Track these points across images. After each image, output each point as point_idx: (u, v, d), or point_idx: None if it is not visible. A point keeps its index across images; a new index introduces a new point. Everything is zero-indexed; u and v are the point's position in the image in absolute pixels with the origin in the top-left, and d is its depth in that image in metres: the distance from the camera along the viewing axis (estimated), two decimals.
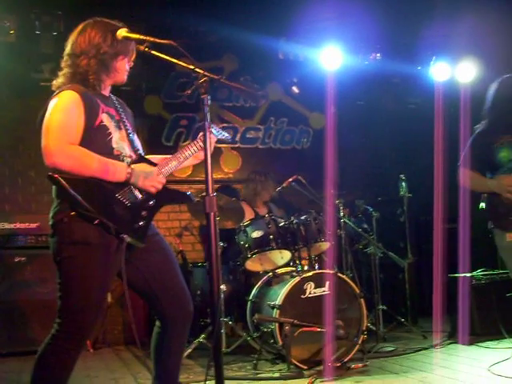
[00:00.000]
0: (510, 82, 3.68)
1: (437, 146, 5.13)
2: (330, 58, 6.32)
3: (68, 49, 2.73)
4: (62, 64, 2.74)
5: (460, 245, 4.59)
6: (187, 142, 2.92)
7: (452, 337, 5.00)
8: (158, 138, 6.51)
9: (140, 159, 2.77)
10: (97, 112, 2.64)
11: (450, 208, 5.31)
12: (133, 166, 2.68)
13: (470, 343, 4.83)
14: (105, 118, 2.67)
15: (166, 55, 2.60)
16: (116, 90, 2.92)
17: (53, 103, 2.59)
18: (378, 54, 6.69)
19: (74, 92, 2.60)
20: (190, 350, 4.73)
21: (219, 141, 3.18)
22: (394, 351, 4.76)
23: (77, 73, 2.68)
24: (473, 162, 3.62)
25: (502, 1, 5.72)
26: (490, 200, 3.58)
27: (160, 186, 2.73)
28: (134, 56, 2.83)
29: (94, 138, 2.61)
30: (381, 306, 5.49)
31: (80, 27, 2.76)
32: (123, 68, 2.80)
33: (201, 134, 2.77)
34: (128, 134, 2.78)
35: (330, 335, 4.23)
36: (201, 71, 2.47)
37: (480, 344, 4.80)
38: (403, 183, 5.99)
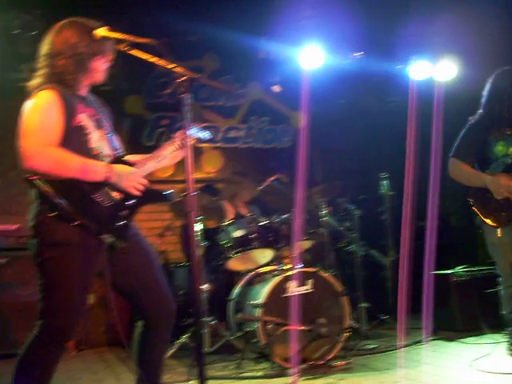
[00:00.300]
0: (506, 75, 3.66)
1: (409, 146, 5.13)
2: (311, 57, 6.32)
3: (44, 49, 2.71)
4: (39, 65, 2.71)
5: (427, 242, 4.59)
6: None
7: (435, 333, 5.03)
8: (139, 137, 6.48)
9: (118, 160, 2.76)
10: (75, 112, 2.62)
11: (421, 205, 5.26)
12: (112, 166, 2.66)
13: (451, 339, 4.87)
14: (83, 118, 2.66)
15: (146, 54, 2.59)
16: (96, 89, 2.90)
17: (30, 104, 2.57)
18: (359, 53, 6.70)
19: (51, 92, 2.58)
20: (172, 350, 4.72)
21: (200, 140, 3.17)
22: (377, 348, 4.78)
23: (54, 73, 2.66)
24: (465, 153, 3.58)
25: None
26: (478, 195, 3.55)
27: (141, 187, 2.72)
28: (112, 55, 2.81)
29: (73, 138, 2.60)
30: (363, 304, 5.51)
31: (56, 27, 2.73)
32: (101, 68, 2.78)
33: (178, 132, 2.77)
34: (107, 134, 2.77)
35: (313, 333, 4.24)
36: (180, 70, 2.47)
37: (462, 340, 4.84)
38: (385, 181, 6.04)
